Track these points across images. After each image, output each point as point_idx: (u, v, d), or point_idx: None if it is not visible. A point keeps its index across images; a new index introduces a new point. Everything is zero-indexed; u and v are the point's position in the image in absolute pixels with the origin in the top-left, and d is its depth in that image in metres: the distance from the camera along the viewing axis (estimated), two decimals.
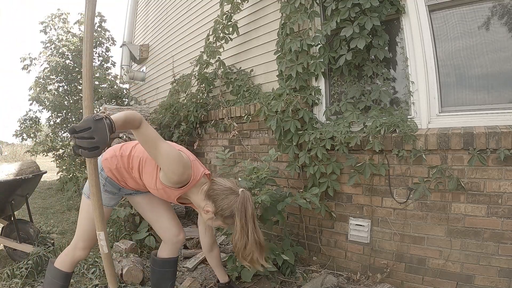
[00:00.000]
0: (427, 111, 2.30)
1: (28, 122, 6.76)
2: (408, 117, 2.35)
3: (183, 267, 2.74)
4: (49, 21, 6.82)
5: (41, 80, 6.61)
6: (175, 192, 1.63)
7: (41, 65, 6.63)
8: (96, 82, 6.06)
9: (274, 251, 2.36)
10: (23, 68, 6.62)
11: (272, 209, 2.36)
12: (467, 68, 2.26)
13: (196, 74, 4.03)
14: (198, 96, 4.01)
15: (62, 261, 1.84)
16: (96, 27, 7.01)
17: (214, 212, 1.60)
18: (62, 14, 6.93)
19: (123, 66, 6.78)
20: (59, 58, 6.47)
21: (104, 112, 1.25)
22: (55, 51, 6.63)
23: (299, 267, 2.62)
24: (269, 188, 2.35)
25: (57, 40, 6.68)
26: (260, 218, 2.40)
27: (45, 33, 6.79)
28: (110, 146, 1.92)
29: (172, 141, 4.22)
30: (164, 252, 1.99)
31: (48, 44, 6.72)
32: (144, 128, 1.38)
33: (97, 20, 7.04)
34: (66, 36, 6.71)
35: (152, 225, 1.99)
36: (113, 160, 1.72)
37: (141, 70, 6.86)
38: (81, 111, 6.36)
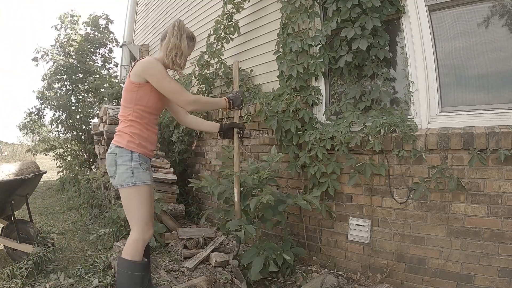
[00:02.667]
0: (427, 111, 2.30)
1: (34, 116, 6.77)
2: (408, 117, 2.35)
3: (183, 267, 2.74)
4: (63, 20, 6.84)
5: (47, 77, 6.62)
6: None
7: (47, 63, 6.65)
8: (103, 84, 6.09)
9: (275, 251, 2.36)
10: (32, 59, 6.62)
11: (273, 209, 2.36)
12: (467, 68, 2.26)
13: (197, 74, 4.03)
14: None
15: (134, 251, 1.89)
16: (101, 29, 7.03)
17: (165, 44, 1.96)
18: (74, 15, 6.96)
19: (123, 66, 6.79)
20: (65, 57, 6.48)
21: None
22: (61, 50, 6.65)
23: (299, 267, 2.62)
24: (270, 188, 2.36)
25: (65, 40, 6.70)
26: (260, 218, 2.40)
27: (56, 29, 6.81)
28: (109, 145, 2.03)
29: (171, 141, 4.22)
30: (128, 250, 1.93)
31: (58, 43, 6.74)
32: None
33: (103, 22, 7.06)
34: (74, 36, 6.73)
35: (141, 217, 1.93)
36: (129, 136, 1.90)
37: None
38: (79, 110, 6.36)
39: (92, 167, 6.40)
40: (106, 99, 5.85)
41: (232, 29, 3.54)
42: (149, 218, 1.94)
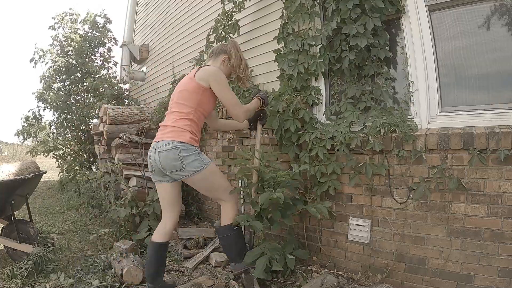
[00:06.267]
0: (427, 111, 2.30)
1: (31, 120, 6.75)
2: (408, 117, 2.35)
3: (183, 267, 2.74)
4: (60, 19, 6.82)
5: (46, 78, 6.60)
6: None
7: (46, 64, 6.63)
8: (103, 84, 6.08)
9: (278, 252, 2.36)
10: (30, 61, 6.59)
11: (282, 212, 2.38)
12: (467, 68, 2.26)
13: None
14: None
15: (234, 215, 2.29)
16: (100, 28, 7.03)
17: (224, 59, 2.33)
18: (73, 14, 6.93)
19: (123, 66, 6.79)
20: (64, 57, 6.47)
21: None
22: (59, 50, 6.63)
23: (299, 267, 2.62)
24: (284, 189, 2.36)
25: (64, 39, 6.68)
26: (269, 220, 2.39)
27: (54, 29, 6.79)
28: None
29: None
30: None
31: (56, 42, 6.72)
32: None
33: (101, 21, 7.06)
34: (73, 36, 6.71)
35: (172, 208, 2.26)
36: (189, 133, 2.13)
37: (141, 70, 6.87)
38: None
39: (92, 167, 6.40)
40: (105, 99, 5.84)
41: (232, 28, 3.54)
42: (230, 185, 2.35)
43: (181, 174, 2.12)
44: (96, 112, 6.31)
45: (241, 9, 3.52)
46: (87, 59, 6.69)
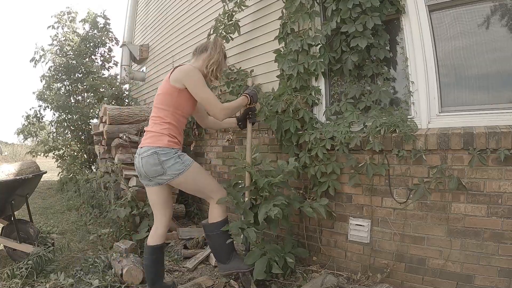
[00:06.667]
0: (427, 111, 2.30)
1: (32, 119, 6.75)
2: (408, 117, 2.35)
3: (183, 267, 2.74)
4: (59, 18, 6.81)
5: (46, 78, 6.60)
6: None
7: (46, 63, 6.62)
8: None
9: (278, 253, 2.35)
10: (31, 60, 6.58)
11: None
12: (467, 68, 2.26)
13: None
14: None
15: (222, 211, 2.28)
16: (100, 27, 7.02)
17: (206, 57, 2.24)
18: (71, 13, 6.92)
19: (123, 66, 6.78)
20: (63, 57, 6.46)
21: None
22: (58, 49, 6.63)
23: (299, 267, 2.62)
24: (279, 192, 2.34)
25: (64, 39, 6.68)
26: (266, 220, 2.37)
27: (54, 28, 6.78)
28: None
29: None
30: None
31: (55, 42, 6.71)
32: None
33: (101, 21, 7.05)
34: (72, 36, 6.70)
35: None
36: (168, 137, 2.10)
37: (141, 70, 6.86)
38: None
39: (92, 167, 6.40)
40: (106, 99, 5.84)
41: (232, 28, 3.53)
42: (216, 182, 2.34)
43: (164, 178, 2.09)
44: (97, 112, 6.31)
45: (243, 9, 3.51)
46: (87, 59, 6.68)
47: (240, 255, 2.41)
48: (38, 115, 6.76)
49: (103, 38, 6.97)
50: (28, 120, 6.77)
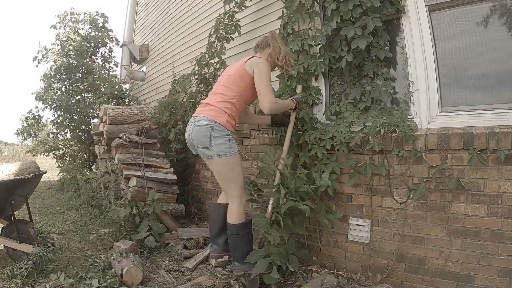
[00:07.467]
0: (427, 111, 2.30)
1: (31, 120, 6.74)
2: (408, 117, 2.35)
3: (183, 267, 2.74)
4: (62, 18, 6.81)
5: (47, 77, 6.59)
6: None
7: (47, 63, 6.62)
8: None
9: (281, 258, 2.33)
10: (34, 59, 6.57)
11: (292, 219, 2.36)
12: (467, 68, 2.26)
13: (196, 73, 4.02)
14: (198, 96, 4.00)
15: (240, 215, 2.26)
16: (99, 27, 7.02)
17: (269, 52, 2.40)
18: (74, 13, 6.92)
19: (123, 66, 6.78)
20: (64, 57, 6.46)
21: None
22: (60, 49, 6.63)
23: (299, 267, 2.62)
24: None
25: (65, 39, 6.68)
26: (278, 224, 2.34)
27: (55, 28, 6.78)
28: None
29: (169, 140, 4.22)
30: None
31: (57, 41, 6.72)
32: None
33: (100, 20, 7.04)
34: (74, 36, 6.70)
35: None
36: (228, 116, 2.20)
37: (141, 70, 6.86)
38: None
39: (92, 167, 6.40)
40: (106, 99, 5.83)
41: (233, 28, 3.53)
42: (243, 184, 2.33)
43: (206, 153, 2.18)
44: (97, 112, 6.31)
45: (243, 9, 3.52)
46: (87, 59, 6.68)
47: None
48: (36, 117, 6.76)
49: (104, 38, 6.97)
50: (27, 122, 6.76)
